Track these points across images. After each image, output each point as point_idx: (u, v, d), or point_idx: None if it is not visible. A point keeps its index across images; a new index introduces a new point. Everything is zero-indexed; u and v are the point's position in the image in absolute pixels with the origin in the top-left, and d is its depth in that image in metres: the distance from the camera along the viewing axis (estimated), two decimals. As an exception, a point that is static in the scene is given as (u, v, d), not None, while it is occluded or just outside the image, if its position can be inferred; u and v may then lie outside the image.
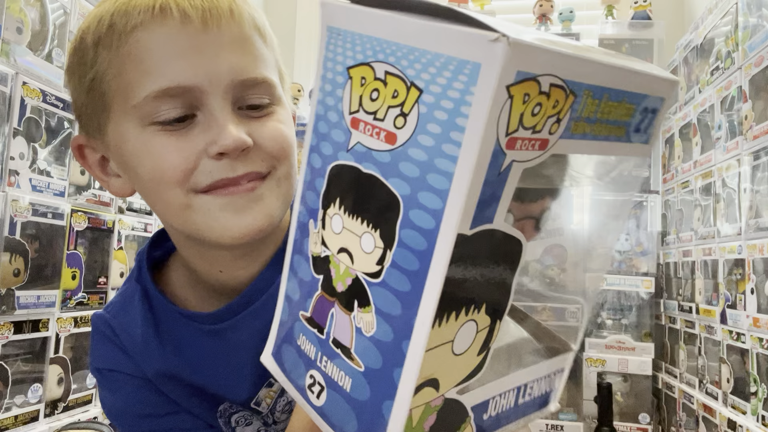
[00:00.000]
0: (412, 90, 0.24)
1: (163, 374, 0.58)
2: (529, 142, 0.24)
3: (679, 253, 1.72)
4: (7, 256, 0.98)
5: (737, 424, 1.27)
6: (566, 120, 0.24)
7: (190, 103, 0.48)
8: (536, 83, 0.22)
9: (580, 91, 0.24)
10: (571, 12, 2.03)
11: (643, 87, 0.27)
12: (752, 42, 1.28)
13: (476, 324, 0.27)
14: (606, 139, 0.27)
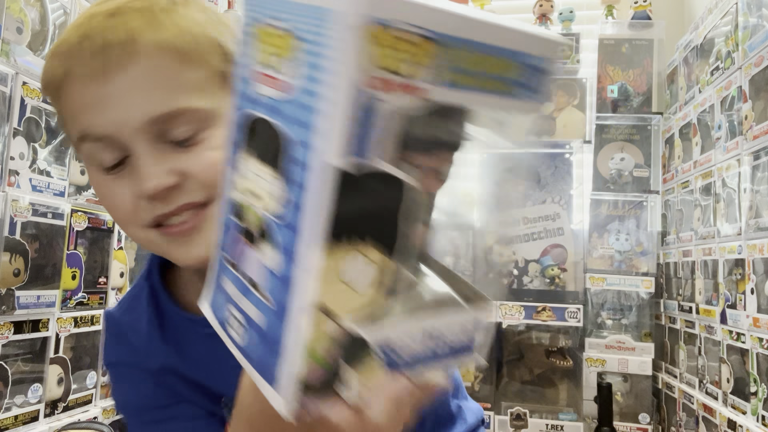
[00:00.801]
0: (295, 41, 0.27)
1: (167, 369, 0.59)
2: (396, 85, 0.25)
3: (679, 253, 1.72)
4: (7, 256, 0.98)
5: (737, 424, 1.27)
6: (434, 68, 0.26)
7: (118, 146, 0.49)
8: (388, 28, 0.24)
9: (445, 41, 0.26)
10: (571, 12, 2.03)
11: (521, 45, 0.28)
12: (752, 42, 1.28)
13: (366, 258, 0.28)
14: (489, 92, 0.28)
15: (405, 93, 0.26)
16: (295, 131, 0.27)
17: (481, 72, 0.28)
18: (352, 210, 0.27)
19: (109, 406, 1.24)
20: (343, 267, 0.27)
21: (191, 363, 0.58)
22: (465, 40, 0.26)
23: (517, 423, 1.75)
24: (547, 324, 1.80)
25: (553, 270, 1.86)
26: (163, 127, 0.48)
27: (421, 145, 0.29)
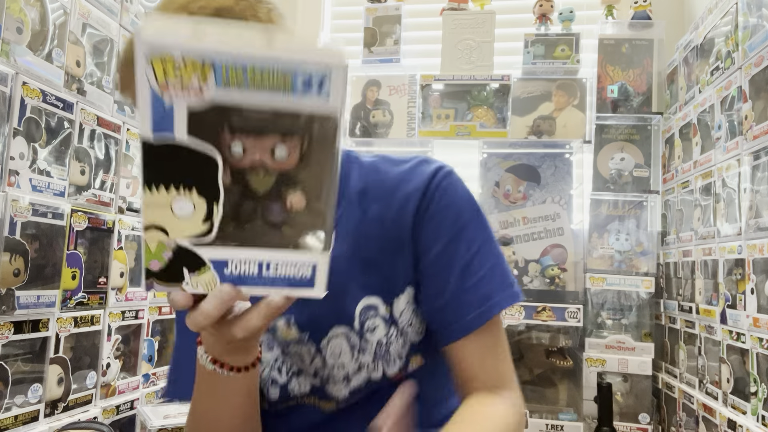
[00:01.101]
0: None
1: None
2: (184, 90, 0.39)
3: (679, 253, 1.72)
4: (7, 256, 0.98)
5: (737, 424, 1.27)
6: (215, 77, 0.39)
7: None
8: (172, 59, 0.38)
9: (216, 63, 0.38)
10: (571, 12, 2.03)
11: (292, 63, 0.39)
12: (752, 42, 1.28)
13: (190, 200, 0.42)
14: (269, 93, 0.40)
15: (196, 96, 0.39)
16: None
17: (260, 80, 0.39)
18: (167, 167, 0.41)
19: (109, 406, 1.24)
20: (173, 204, 0.42)
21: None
22: (243, 62, 0.39)
23: (517, 423, 1.75)
24: (547, 324, 1.80)
25: (553, 270, 1.86)
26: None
27: (237, 128, 0.41)
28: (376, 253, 0.70)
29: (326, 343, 0.71)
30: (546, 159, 1.94)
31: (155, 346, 1.44)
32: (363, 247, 0.70)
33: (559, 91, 1.99)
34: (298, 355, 0.71)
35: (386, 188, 0.72)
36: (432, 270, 0.69)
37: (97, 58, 1.22)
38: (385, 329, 0.70)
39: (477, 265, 0.69)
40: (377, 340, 0.70)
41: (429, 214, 0.70)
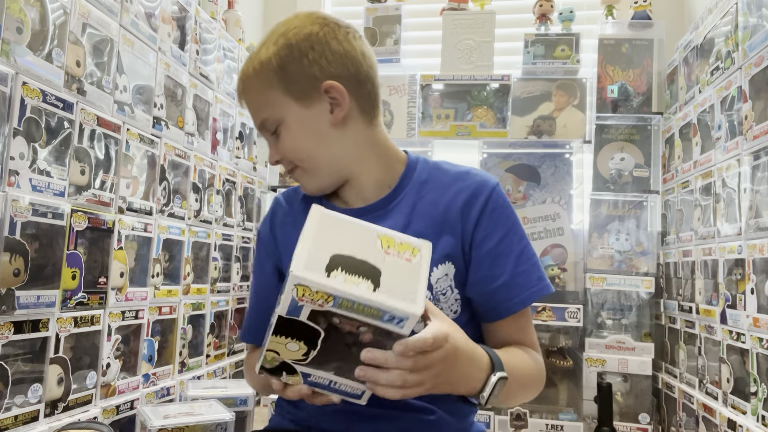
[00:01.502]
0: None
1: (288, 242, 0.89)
2: (312, 303, 0.60)
3: (679, 253, 1.72)
4: (7, 256, 0.98)
5: (737, 424, 1.27)
6: (334, 302, 0.60)
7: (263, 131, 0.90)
8: (308, 288, 0.59)
9: (336, 296, 0.60)
10: (571, 12, 2.03)
11: (383, 307, 0.60)
12: (752, 42, 1.28)
13: (298, 345, 0.64)
14: (365, 316, 0.61)
15: (317, 306, 0.60)
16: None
17: (359, 310, 0.60)
18: (291, 329, 0.63)
19: (109, 406, 1.24)
20: (288, 344, 0.64)
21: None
22: (351, 299, 0.60)
23: (517, 423, 1.75)
24: (547, 324, 1.80)
25: (553, 270, 1.86)
26: (265, 126, 0.87)
27: (343, 319, 0.62)
28: (423, 228, 0.85)
29: None
30: (546, 159, 1.94)
31: (155, 346, 1.44)
32: (414, 221, 0.86)
33: (559, 91, 1.99)
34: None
35: (444, 181, 0.88)
36: (490, 257, 0.84)
37: (97, 58, 1.22)
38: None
39: (526, 255, 0.86)
40: None
41: (487, 211, 0.85)
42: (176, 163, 1.53)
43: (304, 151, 0.86)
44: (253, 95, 0.87)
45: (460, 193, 0.86)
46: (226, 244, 1.82)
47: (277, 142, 0.86)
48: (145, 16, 1.37)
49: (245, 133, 2.00)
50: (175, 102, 1.54)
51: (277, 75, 0.83)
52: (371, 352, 0.63)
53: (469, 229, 0.84)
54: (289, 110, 0.84)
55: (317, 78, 0.83)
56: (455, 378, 0.71)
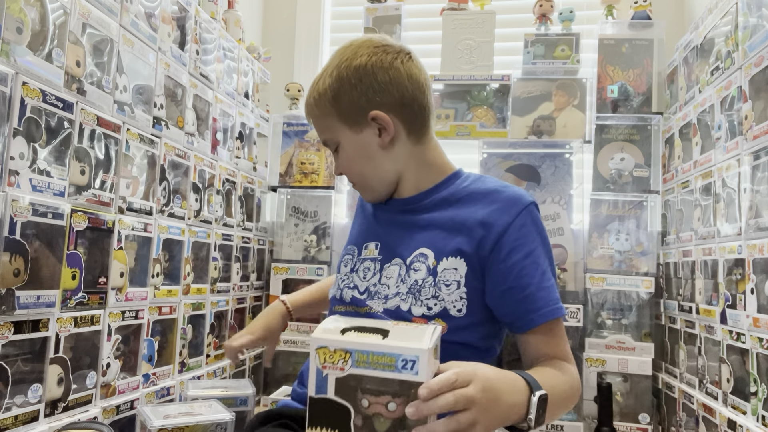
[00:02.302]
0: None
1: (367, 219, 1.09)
2: (333, 367, 0.67)
3: (679, 253, 1.72)
4: (7, 256, 0.98)
5: (737, 424, 1.27)
6: (351, 360, 0.67)
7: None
8: (328, 348, 0.68)
9: (352, 350, 0.67)
10: (571, 12, 2.03)
11: (394, 350, 0.66)
12: (752, 42, 1.28)
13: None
14: (381, 370, 0.66)
15: (339, 370, 0.67)
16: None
17: (376, 361, 0.66)
18: (323, 413, 0.68)
19: (109, 406, 1.24)
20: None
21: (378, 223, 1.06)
22: (366, 351, 0.67)
23: (517, 423, 1.75)
24: (547, 324, 1.80)
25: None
26: (327, 144, 1.03)
27: (365, 390, 0.67)
28: (448, 224, 0.95)
29: (387, 266, 0.98)
30: (546, 159, 1.94)
31: (155, 346, 1.44)
32: (440, 217, 0.96)
33: (559, 91, 1.99)
34: (366, 269, 1.00)
35: (482, 191, 0.97)
36: (517, 268, 0.90)
37: (97, 58, 1.22)
38: (424, 274, 0.93)
39: (549, 274, 0.93)
40: (415, 278, 0.93)
41: (517, 224, 0.92)
42: (176, 163, 1.53)
43: (357, 170, 1.01)
44: (315, 120, 1.01)
45: (491, 204, 0.94)
46: (226, 244, 1.82)
47: (338, 158, 1.02)
48: (145, 16, 1.37)
49: (245, 133, 2.00)
50: (175, 102, 1.54)
51: (332, 105, 0.96)
52: (413, 406, 0.65)
53: (491, 237, 0.91)
54: (343, 135, 0.98)
55: (364, 108, 0.95)
56: (503, 409, 0.73)
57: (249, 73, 2.05)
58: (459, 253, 0.91)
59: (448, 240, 0.93)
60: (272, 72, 2.30)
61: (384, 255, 0.99)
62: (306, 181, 2.18)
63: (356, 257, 1.03)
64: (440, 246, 0.93)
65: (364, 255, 1.02)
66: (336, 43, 2.49)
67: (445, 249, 0.93)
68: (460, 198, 0.97)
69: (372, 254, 1.00)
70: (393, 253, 0.98)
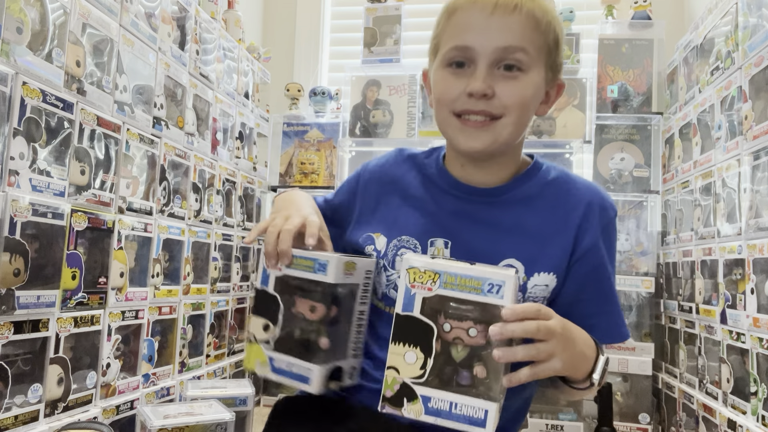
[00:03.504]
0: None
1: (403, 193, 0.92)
2: (422, 287, 0.69)
3: (679, 253, 1.72)
4: (7, 256, 0.98)
5: (737, 424, 1.27)
6: (440, 281, 0.68)
7: (468, 57, 0.80)
8: (418, 269, 0.69)
9: (441, 272, 0.68)
10: (571, 12, 2.03)
11: (481, 274, 0.67)
12: (752, 42, 1.28)
13: (415, 354, 0.68)
14: (468, 292, 0.67)
15: (427, 290, 0.69)
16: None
17: (463, 283, 0.67)
18: (405, 333, 0.69)
19: (109, 406, 1.24)
20: (405, 355, 0.68)
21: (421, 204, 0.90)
22: (454, 273, 0.68)
23: (517, 423, 1.75)
24: (547, 324, 1.80)
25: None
26: (504, 55, 0.79)
27: (448, 314, 0.68)
28: (538, 232, 0.84)
29: None
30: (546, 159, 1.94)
31: (155, 346, 1.44)
32: (529, 219, 0.85)
33: (559, 91, 1.99)
34: None
35: (570, 189, 0.87)
36: (603, 282, 0.85)
37: (97, 58, 1.22)
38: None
39: (615, 293, 0.88)
40: None
41: (606, 237, 0.85)
42: (176, 163, 1.53)
43: (518, 110, 0.81)
44: (524, 22, 0.79)
45: (583, 205, 0.85)
46: (226, 244, 1.82)
47: (505, 81, 0.79)
48: (145, 16, 1.37)
49: (245, 133, 2.00)
50: (175, 102, 1.54)
51: (551, 37, 0.82)
52: (498, 326, 0.64)
53: (584, 247, 0.83)
54: (538, 70, 0.81)
55: (559, 69, 0.87)
56: (578, 354, 0.72)
57: (249, 73, 2.05)
58: (553, 268, 0.82)
59: (540, 250, 0.82)
60: (272, 72, 2.30)
61: (458, 257, 0.83)
62: (306, 181, 2.18)
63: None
64: (532, 257, 0.82)
65: (431, 254, 0.86)
66: (336, 43, 2.50)
67: (537, 262, 0.82)
68: (552, 194, 0.86)
69: (441, 254, 0.87)
70: (471, 255, 0.82)
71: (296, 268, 0.77)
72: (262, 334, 0.78)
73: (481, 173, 0.87)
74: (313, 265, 0.76)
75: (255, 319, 0.79)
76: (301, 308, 0.77)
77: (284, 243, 0.77)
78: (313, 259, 0.76)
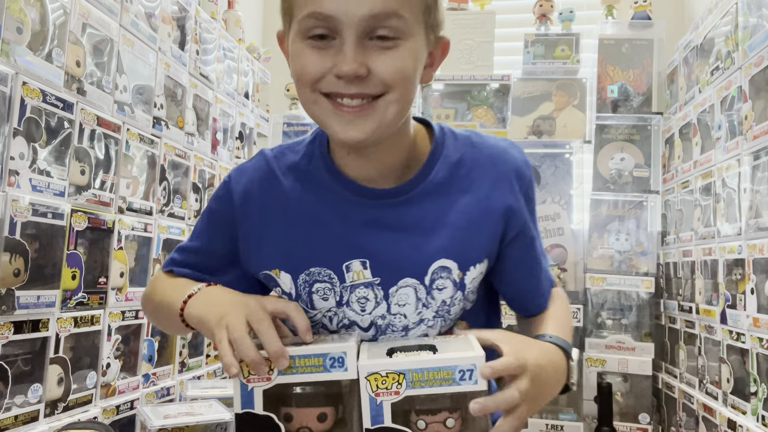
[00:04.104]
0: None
1: (283, 211, 0.77)
2: (387, 393, 0.62)
3: (679, 253, 1.72)
4: (7, 256, 0.98)
5: (737, 424, 1.27)
6: (405, 382, 0.61)
7: (331, 27, 0.65)
8: (379, 374, 0.62)
9: (405, 371, 0.62)
10: (571, 12, 2.03)
11: (450, 363, 0.61)
12: (752, 42, 1.28)
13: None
14: (439, 386, 0.61)
15: (394, 395, 0.62)
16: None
17: (432, 377, 0.61)
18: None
19: (109, 406, 1.24)
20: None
21: (308, 215, 0.76)
22: (420, 369, 0.61)
23: (517, 423, 1.75)
24: (547, 324, 1.80)
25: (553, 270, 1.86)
26: (375, 24, 0.65)
27: (420, 411, 0.63)
28: (463, 222, 0.75)
29: (394, 291, 0.75)
30: (546, 159, 1.94)
31: (155, 346, 1.44)
32: (449, 210, 0.75)
33: (559, 91, 1.99)
34: (363, 299, 0.76)
35: (481, 163, 0.78)
36: (534, 256, 0.81)
37: (97, 58, 1.22)
38: (452, 291, 0.76)
39: (541, 246, 0.84)
40: (443, 299, 0.76)
41: (528, 201, 0.79)
42: (176, 163, 1.53)
43: (407, 80, 0.68)
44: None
45: (506, 179, 0.77)
46: (226, 244, 1.82)
47: (374, 53, 0.66)
48: (145, 16, 1.37)
49: (245, 133, 2.00)
50: (175, 102, 1.54)
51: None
52: (479, 403, 0.61)
53: (515, 228, 0.77)
54: (417, 37, 0.69)
55: (440, 25, 0.73)
56: (551, 388, 0.71)
57: (249, 73, 2.05)
58: (485, 255, 0.76)
59: (470, 241, 0.75)
60: (272, 72, 2.30)
61: (383, 277, 0.75)
62: (306, 181, 2.18)
63: (338, 285, 0.76)
64: (463, 253, 0.75)
65: (350, 280, 0.75)
66: (336, 43, 2.50)
67: (470, 256, 0.76)
68: (462, 176, 0.77)
69: (362, 277, 0.75)
70: (397, 271, 0.75)
71: (295, 372, 0.62)
72: None
73: (372, 162, 0.74)
74: (323, 362, 0.62)
75: None
76: (305, 421, 0.64)
77: (271, 344, 0.62)
78: (320, 354, 0.62)
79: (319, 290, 0.76)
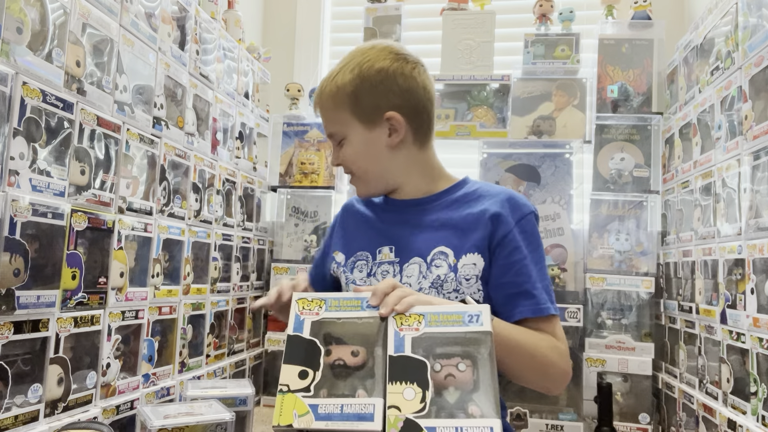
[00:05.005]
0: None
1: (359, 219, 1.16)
2: (409, 329, 0.79)
3: (679, 253, 1.72)
4: (7, 256, 0.98)
5: (737, 424, 1.27)
6: (425, 321, 0.79)
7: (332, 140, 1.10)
8: (403, 313, 0.83)
9: (425, 313, 0.80)
10: (571, 12, 2.03)
11: (460, 309, 0.79)
12: (752, 42, 1.28)
13: (413, 390, 0.73)
14: (451, 326, 0.78)
15: (411, 330, 0.79)
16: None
17: (445, 319, 0.78)
18: (399, 371, 0.74)
19: (109, 406, 1.24)
20: (404, 391, 0.72)
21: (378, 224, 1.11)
22: (435, 312, 0.80)
23: (517, 423, 1.75)
24: (547, 324, 1.80)
25: (553, 270, 1.85)
26: (332, 137, 1.08)
27: (437, 355, 0.76)
28: (462, 224, 1.02)
29: (406, 267, 1.03)
30: (546, 159, 1.94)
31: (155, 346, 1.44)
32: (454, 217, 1.04)
33: (559, 91, 1.99)
34: (385, 272, 1.05)
35: (491, 194, 1.05)
36: (518, 265, 0.98)
37: (97, 58, 1.22)
38: (446, 270, 1.00)
39: (545, 275, 1.01)
40: (437, 274, 1.00)
41: (522, 225, 1.00)
42: (176, 163, 1.53)
43: (360, 164, 1.06)
44: (326, 111, 1.06)
45: (501, 203, 1.02)
46: (226, 244, 1.82)
47: (340, 151, 1.06)
48: (145, 16, 1.37)
49: (245, 133, 2.00)
50: (175, 102, 1.54)
51: (350, 99, 1.01)
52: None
53: (500, 233, 0.99)
54: (354, 130, 1.03)
55: (382, 108, 1.01)
56: (427, 298, 0.88)
57: (249, 73, 2.05)
58: (477, 249, 0.99)
59: (465, 238, 1.00)
60: (272, 72, 2.30)
61: (402, 257, 1.04)
62: (306, 181, 2.18)
63: (371, 262, 1.07)
64: (459, 244, 1.00)
65: (379, 259, 1.06)
66: (336, 43, 2.50)
67: (464, 246, 1.00)
68: (472, 198, 1.05)
69: (388, 257, 1.05)
70: (410, 253, 1.03)
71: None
72: (299, 382, 0.76)
73: (402, 191, 1.09)
74: (360, 303, 0.82)
75: (288, 368, 0.77)
76: (341, 354, 0.78)
77: (285, 284, 1.01)
78: (358, 297, 0.82)
79: (358, 265, 1.08)
